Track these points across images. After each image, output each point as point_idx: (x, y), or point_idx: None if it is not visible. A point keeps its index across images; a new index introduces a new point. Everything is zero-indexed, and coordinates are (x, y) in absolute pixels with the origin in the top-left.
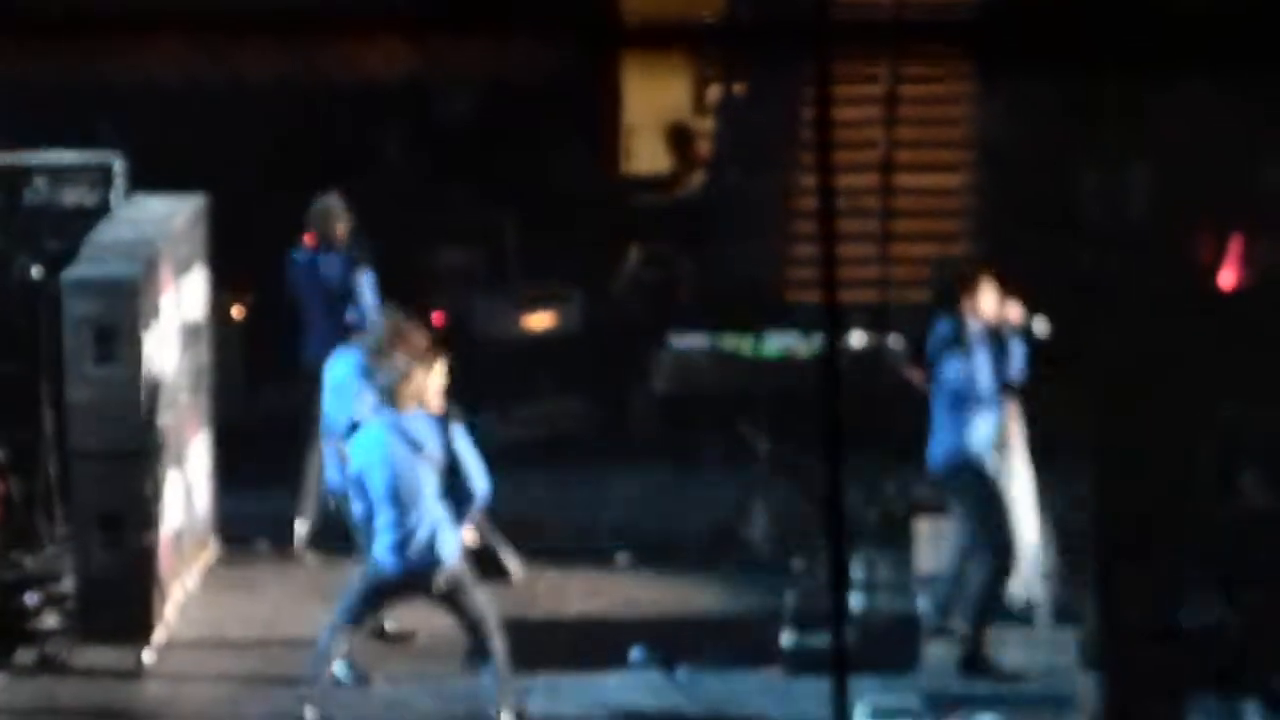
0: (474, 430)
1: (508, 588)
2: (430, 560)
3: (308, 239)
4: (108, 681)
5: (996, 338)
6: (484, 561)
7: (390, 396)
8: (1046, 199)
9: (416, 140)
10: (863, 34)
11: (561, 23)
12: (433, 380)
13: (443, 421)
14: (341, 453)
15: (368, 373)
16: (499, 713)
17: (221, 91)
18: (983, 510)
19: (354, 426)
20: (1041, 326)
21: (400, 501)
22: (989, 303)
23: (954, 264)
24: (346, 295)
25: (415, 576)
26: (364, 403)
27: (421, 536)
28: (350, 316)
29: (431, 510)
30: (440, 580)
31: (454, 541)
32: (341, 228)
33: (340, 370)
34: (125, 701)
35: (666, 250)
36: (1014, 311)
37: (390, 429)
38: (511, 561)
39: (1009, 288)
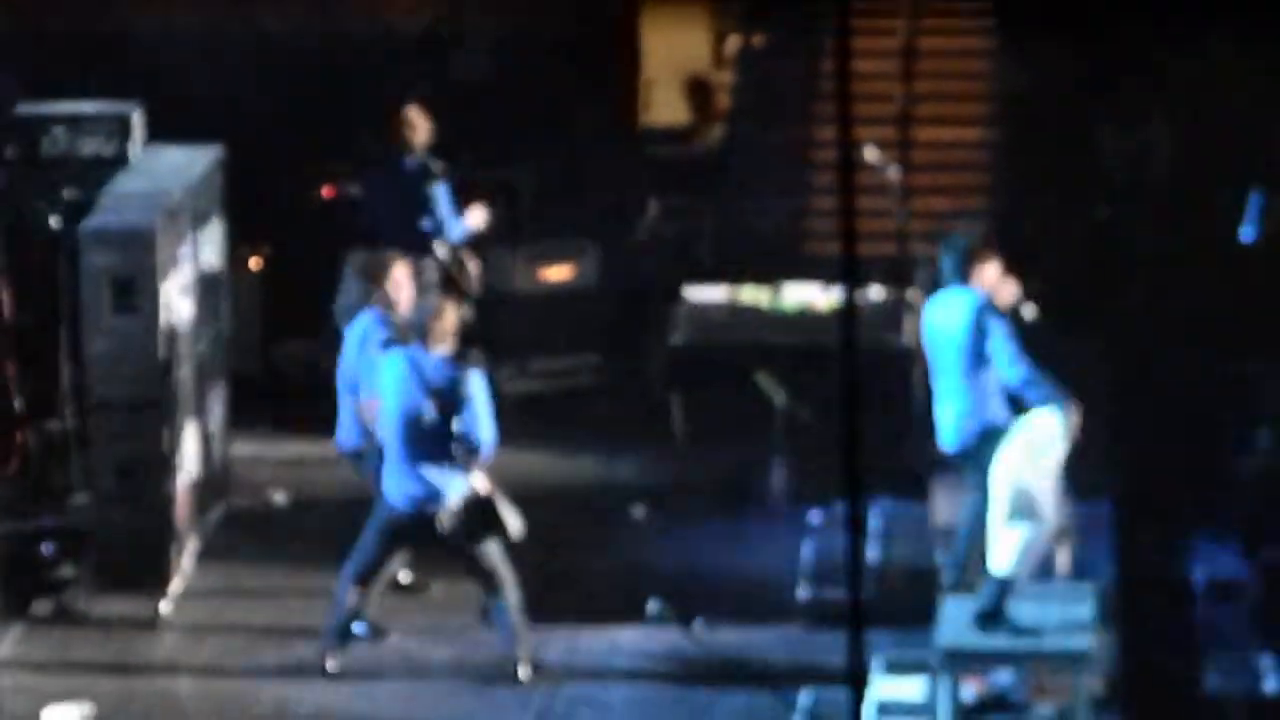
0: (491, 381)
1: (511, 542)
2: (436, 499)
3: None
4: (124, 632)
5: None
6: (487, 516)
7: (421, 332)
8: (1066, 153)
9: (435, 94)
10: None
11: None
12: (461, 318)
13: (459, 364)
14: (357, 408)
15: (385, 321)
16: (515, 665)
17: (241, 41)
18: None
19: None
20: (1030, 311)
21: (407, 437)
22: (990, 278)
23: (960, 237)
24: (423, 204)
25: (422, 515)
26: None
27: (428, 476)
28: (426, 225)
29: (438, 449)
30: (445, 519)
31: (460, 483)
32: (424, 134)
33: (361, 326)
34: (142, 652)
35: (685, 203)
36: (1006, 292)
37: (410, 365)
38: (513, 520)
39: (1018, 245)
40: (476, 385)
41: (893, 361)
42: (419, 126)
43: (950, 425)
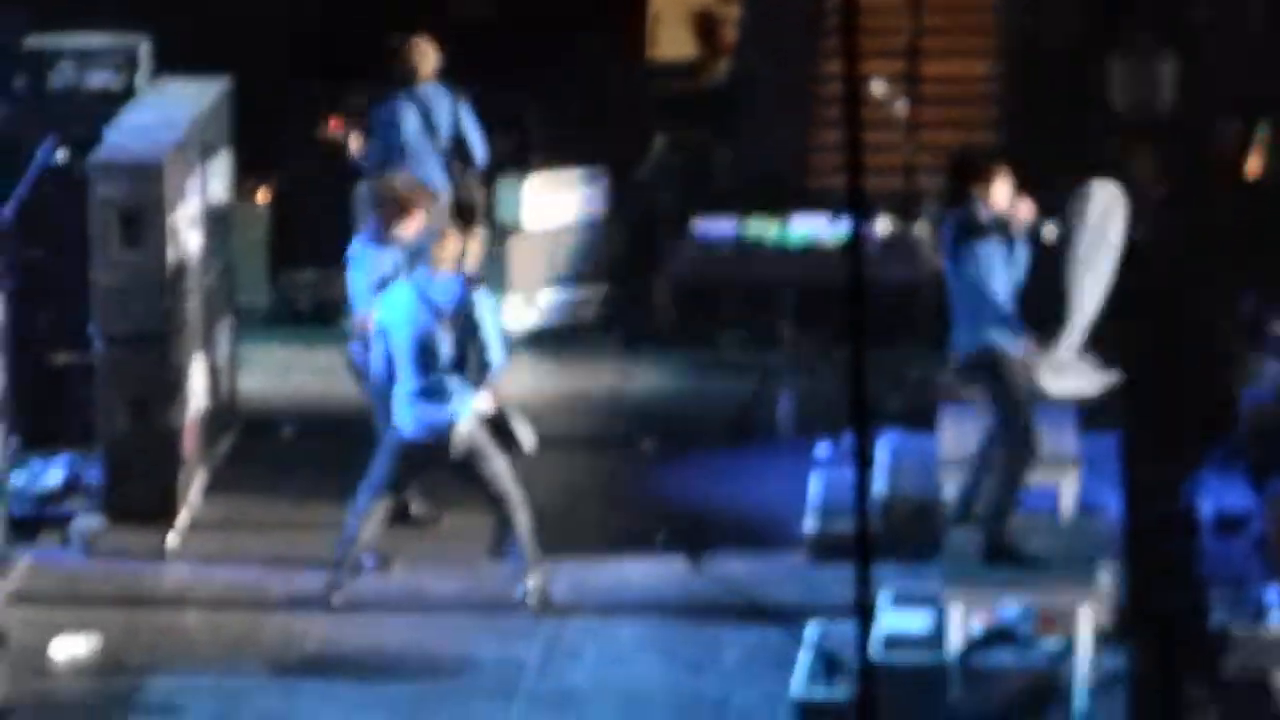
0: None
1: (522, 458)
2: (447, 421)
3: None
4: (133, 563)
5: (1006, 232)
6: (499, 432)
7: (425, 256)
8: (1073, 86)
9: (440, 26)
10: None
11: None
12: (470, 245)
13: (467, 288)
14: (363, 326)
15: (383, 238)
16: (524, 595)
17: None
18: (1003, 403)
19: (383, 284)
20: (1051, 230)
21: (419, 363)
22: (1002, 194)
23: (968, 154)
24: (442, 127)
25: (433, 439)
26: (384, 264)
27: (439, 399)
28: (444, 145)
29: (449, 373)
30: (458, 441)
31: (470, 405)
32: (432, 64)
33: (363, 249)
34: (150, 583)
35: (692, 137)
36: (1025, 209)
37: (417, 290)
38: (525, 433)
39: (1024, 184)
40: (485, 307)
41: (899, 294)
42: (428, 54)
43: (955, 342)
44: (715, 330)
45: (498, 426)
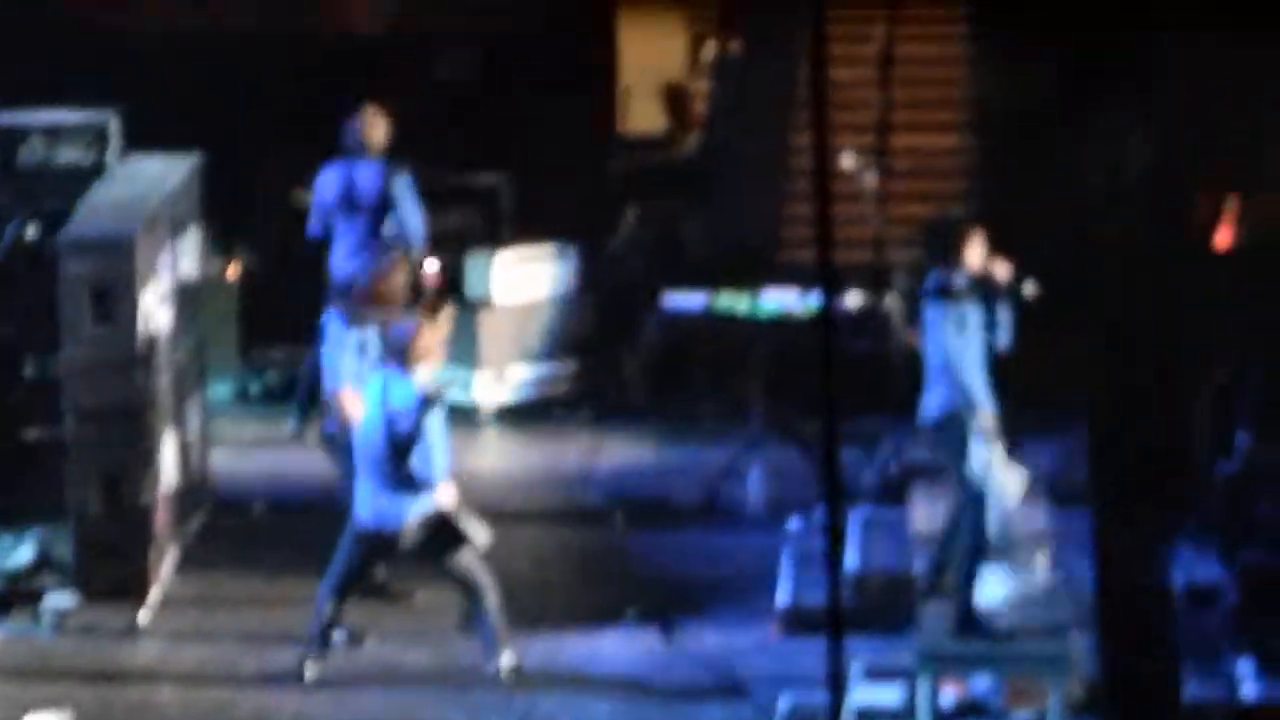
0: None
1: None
2: (397, 518)
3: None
4: (104, 640)
5: (984, 293)
6: (449, 530)
7: (399, 354)
8: (1043, 160)
9: (413, 99)
10: None
11: None
12: (439, 333)
13: (423, 401)
14: (336, 403)
15: (357, 323)
16: (496, 669)
17: (219, 48)
18: (965, 465)
19: (358, 379)
20: (1031, 288)
21: (377, 457)
22: (976, 256)
23: (945, 219)
24: (383, 206)
25: (388, 531)
26: (362, 356)
27: (394, 493)
28: (389, 228)
29: (404, 469)
30: (407, 537)
31: (420, 502)
32: (381, 135)
33: (336, 324)
34: (123, 660)
35: (663, 210)
36: (1002, 270)
37: (381, 386)
38: (476, 529)
39: (1000, 247)
40: (431, 414)
41: (870, 368)
42: (376, 126)
43: (926, 405)
44: (686, 403)
45: (447, 526)
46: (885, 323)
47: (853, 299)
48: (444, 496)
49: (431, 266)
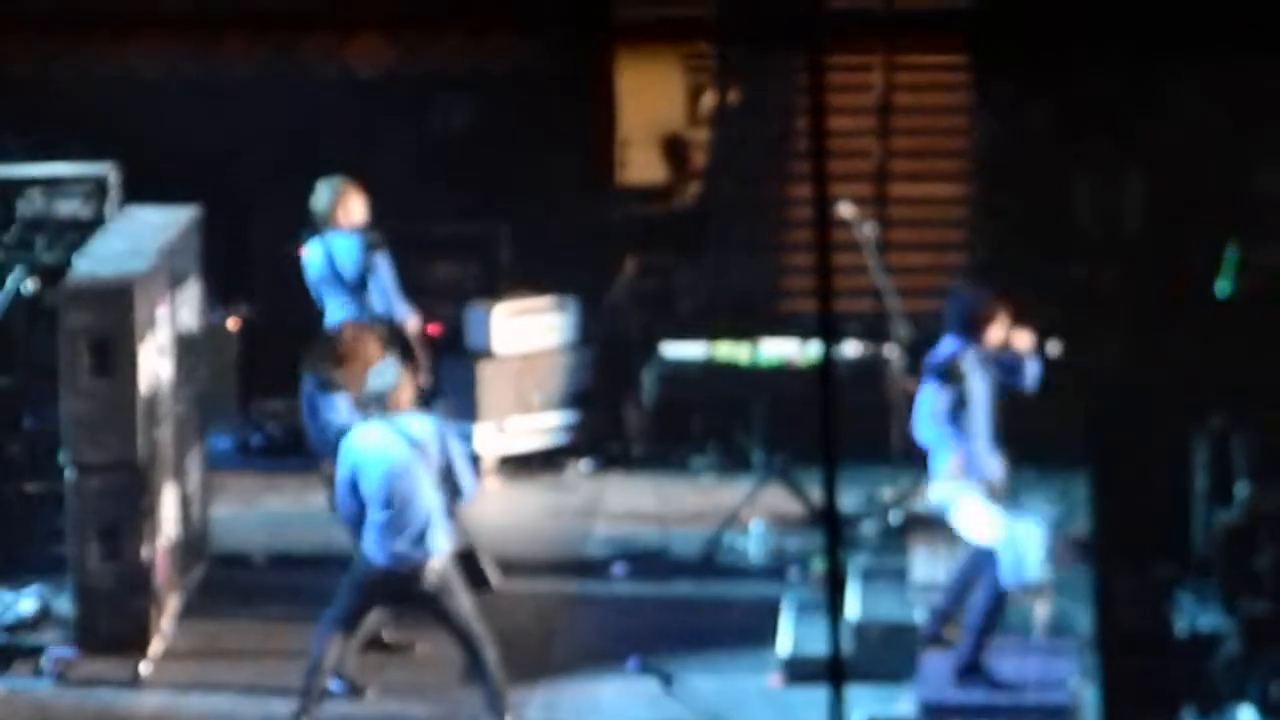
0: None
1: (490, 595)
2: (421, 553)
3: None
4: (105, 692)
5: (998, 365)
6: (468, 569)
7: (383, 402)
8: (1042, 208)
9: (410, 151)
10: (856, 23)
11: (555, 17)
12: (412, 381)
13: (440, 421)
14: (325, 470)
15: (331, 385)
16: None
17: (219, 99)
18: (979, 530)
19: (342, 433)
20: (1055, 348)
21: (396, 499)
22: (997, 336)
23: (973, 297)
24: (364, 279)
25: (404, 570)
26: (340, 410)
27: (414, 531)
28: (371, 299)
29: (426, 505)
30: (430, 575)
31: (445, 536)
32: (358, 208)
33: (315, 394)
34: (123, 712)
35: (662, 261)
36: (1024, 340)
37: (390, 429)
38: (492, 571)
39: (1019, 315)
40: (451, 438)
41: (870, 417)
42: (349, 201)
43: (936, 475)
44: (686, 453)
45: (467, 563)
46: (885, 371)
47: (852, 348)
48: (460, 534)
49: (413, 324)
